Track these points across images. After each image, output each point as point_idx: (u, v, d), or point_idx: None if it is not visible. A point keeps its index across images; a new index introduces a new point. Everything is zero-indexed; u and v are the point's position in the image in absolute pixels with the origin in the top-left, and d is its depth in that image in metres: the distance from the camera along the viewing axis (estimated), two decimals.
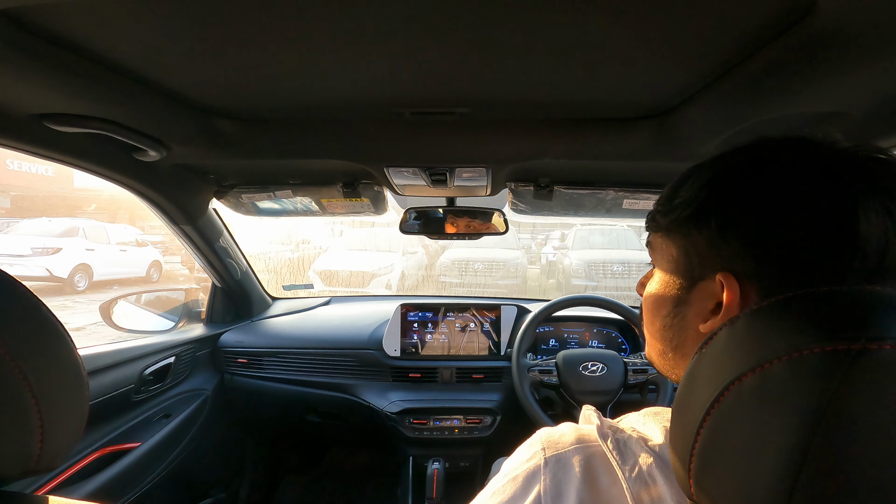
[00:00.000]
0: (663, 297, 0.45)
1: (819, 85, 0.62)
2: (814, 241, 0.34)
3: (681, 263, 0.43)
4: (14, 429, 0.38)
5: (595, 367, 1.35)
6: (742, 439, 0.29)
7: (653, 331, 0.47)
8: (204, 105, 0.85)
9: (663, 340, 0.46)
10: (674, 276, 0.44)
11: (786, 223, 0.35)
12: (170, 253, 9.67)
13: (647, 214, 0.48)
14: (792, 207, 0.35)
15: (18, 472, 0.40)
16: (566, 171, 1.12)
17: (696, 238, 0.41)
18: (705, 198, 0.40)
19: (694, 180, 0.42)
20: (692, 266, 0.42)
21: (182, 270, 9.22)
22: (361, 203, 1.29)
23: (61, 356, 0.43)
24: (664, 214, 0.45)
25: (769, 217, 0.36)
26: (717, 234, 0.39)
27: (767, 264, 0.36)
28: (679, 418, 0.34)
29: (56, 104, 0.71)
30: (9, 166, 11.40)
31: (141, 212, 11.74)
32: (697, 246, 0.41)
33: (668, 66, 0.66)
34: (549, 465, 0.41)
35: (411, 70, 0.68)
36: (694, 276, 0.42)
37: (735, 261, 0.38)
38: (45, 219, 8.48)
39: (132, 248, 8.69)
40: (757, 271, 0.37)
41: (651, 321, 0.47)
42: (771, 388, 0.28)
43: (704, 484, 0.31)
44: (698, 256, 0.41)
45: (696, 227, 0.41)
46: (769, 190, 0.37)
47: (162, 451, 1.33)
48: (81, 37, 0.59)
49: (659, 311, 0.46)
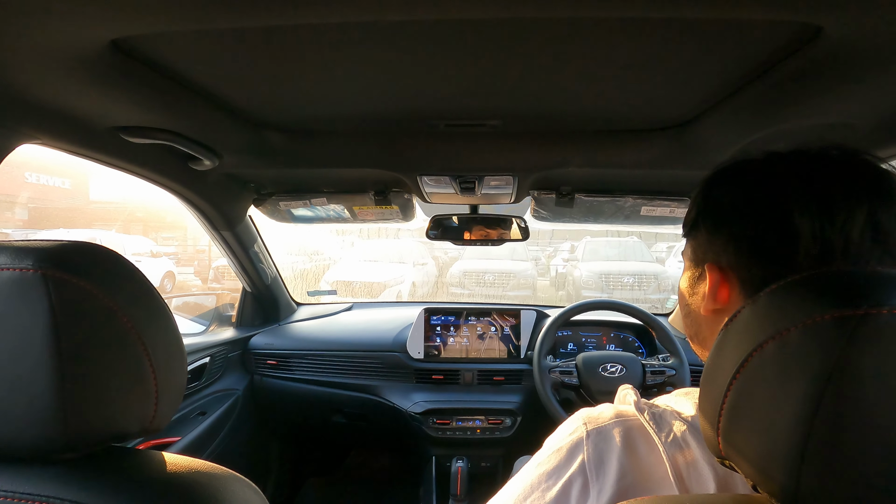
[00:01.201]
0: (683, 290, 0.53)
1: (825, 99, 0.68)
2: (766, 235, 0.42)
3: (692, 260, 0.51)
4: (138, 391, 0.45)
5: (614, 368, 1.39)
6: (764, 398, 0.33)
7: (682, 315, 0.55)
8: (255, 118, 0.93)
9: (686, 328, 0.54)
10: (690, 272, 0.52)
11: (747, 222, 0.44)
12: (182, 264, 9.80)
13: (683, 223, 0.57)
14: (749, 209, 0.44)
15: (138, 429, 0.46)
16: (587, 179, 1.19)
17: (700, 238, 0.49)
18: (700, 205, 0.49)
19: (696, 192, 0.52)
20: (698, 261, 0.50)
21: (195, 281, 9.34)
22: (391, 210, 1.36)
23: (170, 332, 0.49)
24: (685, 222, 0.54)
25: (738, 217, 0.45)
26: (709, 233, 0.47)
27: (743, 255, 0.44)
28: (708, 385, 0.38)
29: (134, 118, 0.79)
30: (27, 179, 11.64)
31: (155, 223, 11.93)
32: (703, 243, 0.49)
33: (686, 84, 0.73)
34: (590, 437, 0.46)
35: (449, 86, 0.75)
36: (701, 271, 0.49)
37: (721, 254, 0.46)
38: (62, 230, 8.65)
39: (147, 258, 8.81)
40: (737, 262, 0.44)
41: (682, 307, 0.55)
42: (789, 351, 0.32)
43: (732, 439, 0.35)
44: (703, 252, 0.49)
45: (696, 229, 0.50)
46: (737, 197, 0.46)
47: (198, 446, 1.38)
48: (167, 59, 0.66)
49: (683, 300, 0.54)
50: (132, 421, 0.45)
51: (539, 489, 0.46)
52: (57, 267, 0.41)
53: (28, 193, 11.29)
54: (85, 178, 12.53)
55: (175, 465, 0.45)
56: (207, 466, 0.47)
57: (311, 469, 2.09)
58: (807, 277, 0.35)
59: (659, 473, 0.42)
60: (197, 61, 0.68)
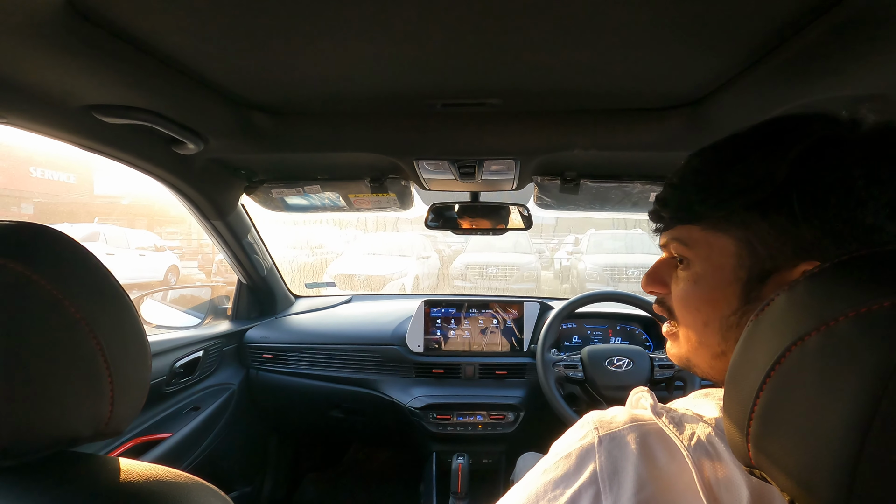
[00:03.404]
0: (723, 295, 0.42)
1: (858, 66, 0.61)
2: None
3: (744, 257, 0.40)
4: (89, 390, 0.40)
5: (621, 362, 1.34)
6: (806, 400, 0.28)
7: (706, 332, 0.44)
8: (241, 98, 0.88)
9: (724, 342, 0.43)
10: (735, 271, 0.40)
11: (873, 201, 0.34)
12: (186, 258, 9.84)
13: (667, 208, 0.46)
14: (876, 185, 0.34)
15: (90, 432, 0.41)
16: (593, 163, 1.13)
17: (762, 227, 0.38)
18: (782, 185, 0.37)
19: (749, 167, 0.39)
20: (760, 258, 0.39)
21: (199, 275, 9.37)
22: (388, 198, 1.30)
23: (128, 324, 0.44)
24: (712, 205, 0.41)
25: (854, 197, 0.35)
26: (798, 220, 0.36)
27: (848, 246, 0.35)
28: (735, 384, 0.33)
29: (107, 95, 0.74)
30: (32, 174, 11.68)
31: (159, 217, 11.97)
32: (764, 236, 0.38)
33: (702, 53, 0.66)
34: (603, 443, 0.40)
35: (445, 60, 0.70)
36: (764, 270, 0.39)
37: (814, 247, 0.36)
38: (66, 225, 8.68)
39: (151, 252, 8.85)
40: (830, 255, 0.35)
41: (703, 322, 0.44)
42: (836, 345, 0.27)
43: (766, 447, 0.30)
44: (766, 247, 0.38)
45: (763, 215, 0.38)
46: (852, 171, 0.35)
47: (192, 442, 1.35)
48: (137, 27, 0.61)
49: (716, 311, 0.42)
50: (83, 423, 0.40)
51: (545, 498, 0.41)
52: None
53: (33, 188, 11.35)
54: (89, 173, 12.60)
55: (131, 473, 0.40)
56: (169, 474, 0.42)
57: (310, 465, 2.06)
58: (857, 258, 0.29)
59: (683, 483, 0.37)
60: (169, 31, 0.62)
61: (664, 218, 0.47)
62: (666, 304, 0.49)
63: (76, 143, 0.84)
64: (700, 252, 0.43)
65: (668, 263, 0.49)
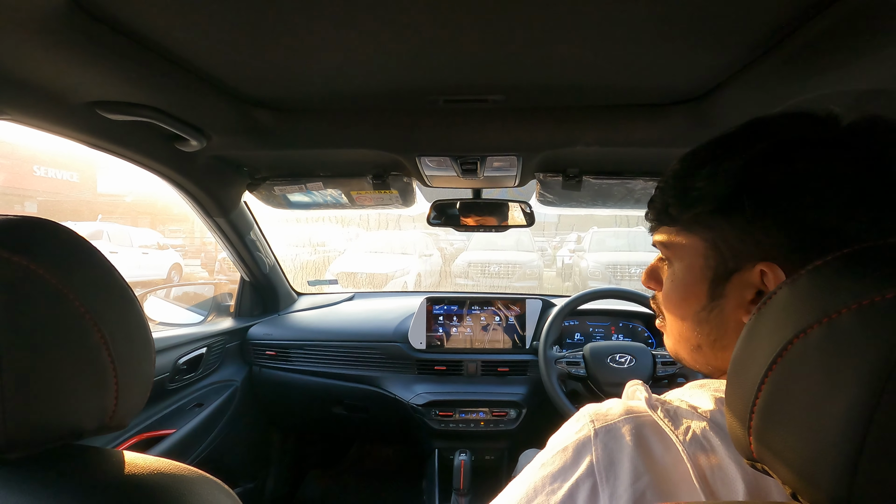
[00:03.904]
0: (693, 292, 0.44)
1: (862, 61, 0.61)
2: (857, 215, 0.35)
3: (710, 257, 0.42)
4: (93, 383, 0.40)
5: (623, 358, 1.34)
6: (808, 393, 0.28)
7: (683, 326, 0.47)
8: (243, 94, 0.88)
9: (698, 335, 0.45)
10: (703, 271, 0.43)
11: (828, 202, 0.36)
12: (189, 256, 9.86)
13: (653, 210, 0.48)
14: (832, 186, 0.36)
15: (95, 426, 0.42)
16: (596, 160, 1.12)
17: (725, 229, 0.41)
18: (736, 188, 0.39)
19: (713, 170, 0.41)
20: (724, 258, 0.41)
21: (202, 273, 9.39)
22: (390, 195, 1.30)
23: (133, 319, 0.45)
24: (683, 208, 0.44)
25: (808, 199, 0.36)
26: (753, 222, 0.38)
27: (806, 247, 0.36)
28: (736, 378, 0.33)
29: (111, 92, 0.74)
30: (35, 172, 11.72)
31: (162, 215, 12.00)
32: (727, 237, 0.41)
33: (706, 48, 0.66)
34: (599, 435, 0.41)
35: (447, 56, 0.69)
36: (728, 269, 0.41)
37: (772, 248, 0.38)
38: (70, 223, 8.69)
39: (154, 251, 8.87)
40: (790, 256, 0.37)
41: (680, 317, 0.47)
42: (838, 338, 0.27)
43: (767, 440, 0.30)
44: (729, 248, 0.41)
45: (726, 218, 0.40)
46: (807, 172, 0.37)
47: (195, 438, 1.35)
48: (140, 23, 0.61)
49: (689, 307, 0.45)
50: (88, 416, 0.41)
51: (543, 492, 0.41)
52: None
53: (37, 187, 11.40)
54: (93, 172, 12.63)
55: (136, 466, 0.40)
56: (174, 467, 0.42)
57: (313, 461, 2.07)
58: (860, 250, 0.29)
59: (678, 474, 0.37)
60: (172, 27, 0.63)
61: (651, 220, 0.50)
62: (657, 301, 0.52)
63: (80, 140, 0.85)
64: (677, 252, 0.46)
65: (662, 262, 0.51)
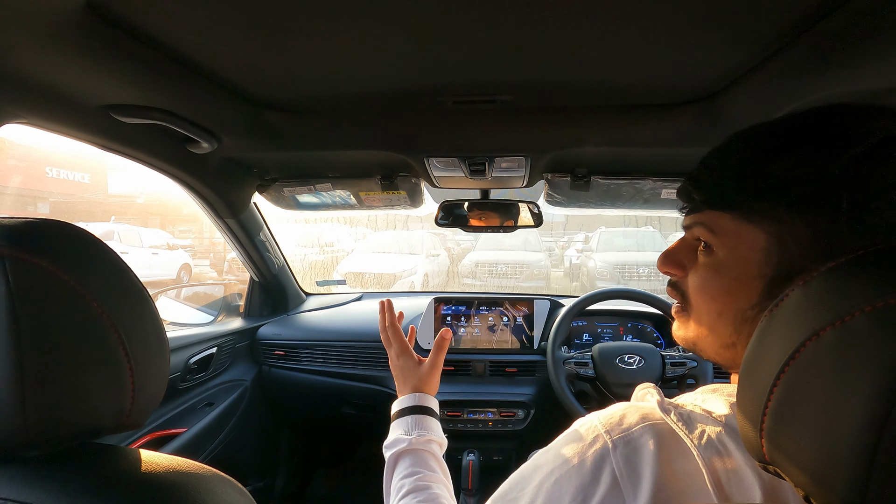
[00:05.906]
0: (743, 288, 0.40)
1: (876, 60, 0.60)
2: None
3: (774, 253, 0.37)
4: (111, 382, 0.41)
5: (632, 359, 1.34)
6: (821, 395, 0.28)
7: (719, 322, 0.42)
8: (254, 97, 0.88)
9: (736, 333, 0.41)
10: (761, 267, 0.38)
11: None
12: (199, 256, 9.94)
13: (700, 190, 0.44)
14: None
15: (112, 424, 0.42)
16: (604, 160, 1.12)
17: (798, 224, 0.36)
18: (831, 185, 0.34)
19: (795, 162, 0.36)
20: (790, 257, 0.37)
21: (211, 273, 9.47)
22: (399, 196, 1.31)
23: (148, 319, 0.45)
24: (750, 195, 0.38)
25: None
26: (843, 223, 0.34)
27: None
28: (748, 380, 0.33)
29: (124, 95, 0.75)
30: (48, 174, 11.87)
31: (172, 216, 12.11)
32: (799, 234, 0.36)
33: (716, 47, 0.65)
34: (618, 447, 0.39)
35: (456, 57, 0.70)
36: (793, 269, 0.37)
37: (849, 251, 0.33)
38: (82, 223, 8.79)
39: (163, 251, 8.96)
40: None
41: (717, 311, 0.42)
42: (852, 340, 0.27)
43: (780, 443, 0.30)
44: (799, 246, 0.36)
45: (804, 214, 0.35)
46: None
47: (206, 437, 1.37)
48: (154, 28, 0.62)
49: (734, 302, 0.41)
50: (105, 415, 0.41)
51: None
52: (15, 245, 0.37)
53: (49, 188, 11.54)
54: (104, 173, 12.77)
55: (152, 464, 0.41)
56: (188, 465, 0.43)
57: (322, 460, 2.08)
58: (874, 252, 0.29)
59: (696, 483, 0.36)
60: (184, 31, 0.63)
61: (694, 200, 0.44)
62: (679, 288, 0.47)
63: (94, 143, 0.86)
64: (726, 241, 0.41)
65: (689, 246, 0.46)
